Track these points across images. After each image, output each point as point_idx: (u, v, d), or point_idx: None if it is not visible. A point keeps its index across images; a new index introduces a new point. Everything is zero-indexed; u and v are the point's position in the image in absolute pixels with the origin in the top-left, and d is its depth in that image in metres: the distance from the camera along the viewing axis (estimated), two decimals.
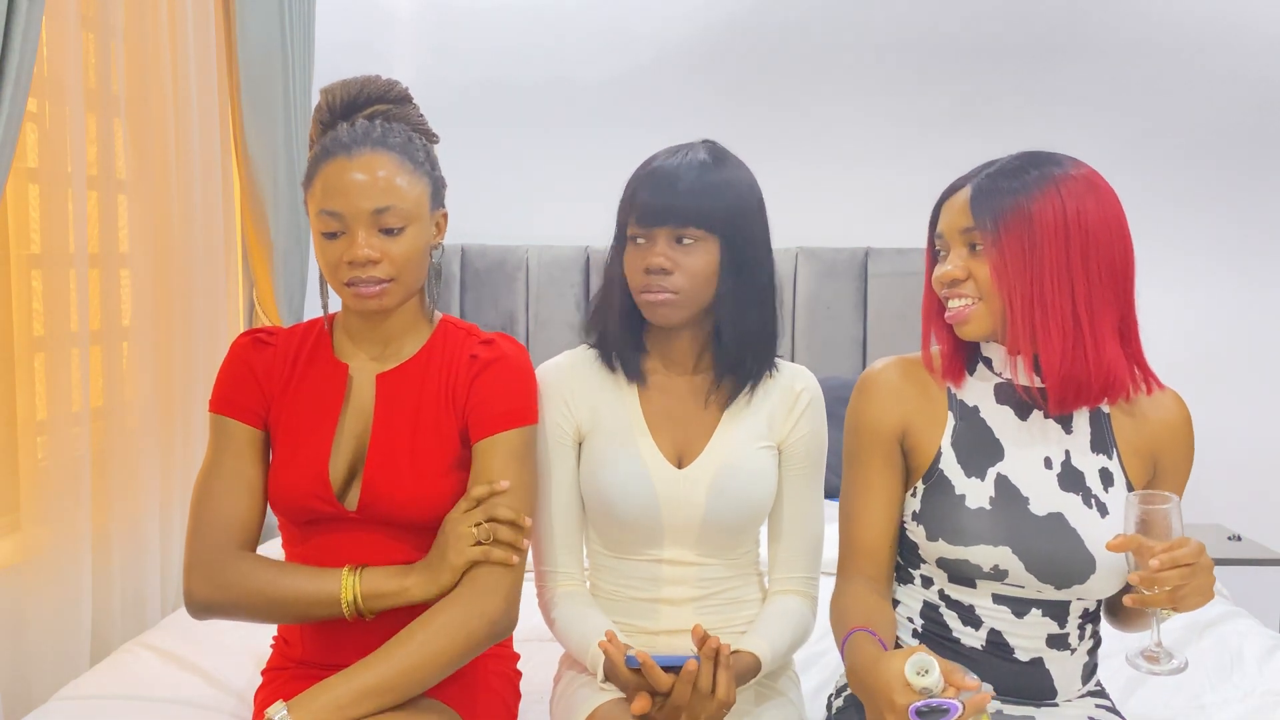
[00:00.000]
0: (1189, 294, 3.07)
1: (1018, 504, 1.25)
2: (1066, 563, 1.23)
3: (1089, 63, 3.05)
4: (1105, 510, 1.25)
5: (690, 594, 1.42)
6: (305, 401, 1.35)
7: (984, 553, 1.23)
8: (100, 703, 1.62)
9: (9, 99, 1.55)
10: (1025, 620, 1.27)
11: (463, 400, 1.34)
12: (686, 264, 1.34)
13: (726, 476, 1.40)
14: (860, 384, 1.37)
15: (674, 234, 1.34)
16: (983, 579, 1.26)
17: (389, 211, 1.26)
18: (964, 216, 1.22)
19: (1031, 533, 1.23)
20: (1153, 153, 3.06)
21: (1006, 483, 1.26)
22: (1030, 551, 1.23)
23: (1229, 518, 3.07)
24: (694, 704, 1.20)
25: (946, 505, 1.27)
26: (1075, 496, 1.25)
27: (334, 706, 1.17)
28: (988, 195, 1.21)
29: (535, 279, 3.03)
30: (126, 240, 2.14)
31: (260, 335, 1.39)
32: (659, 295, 1.34)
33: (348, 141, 1.28)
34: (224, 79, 2.49)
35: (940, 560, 1.28)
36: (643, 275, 1.35)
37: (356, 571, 1.27)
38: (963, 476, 1.27)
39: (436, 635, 1.23)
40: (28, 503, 1.88)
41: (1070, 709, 1.31)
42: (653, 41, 3.09)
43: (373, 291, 1.26)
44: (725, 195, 1.35)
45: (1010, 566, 1.23)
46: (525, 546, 1.29)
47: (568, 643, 1.40)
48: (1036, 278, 1.18)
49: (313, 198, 1.29)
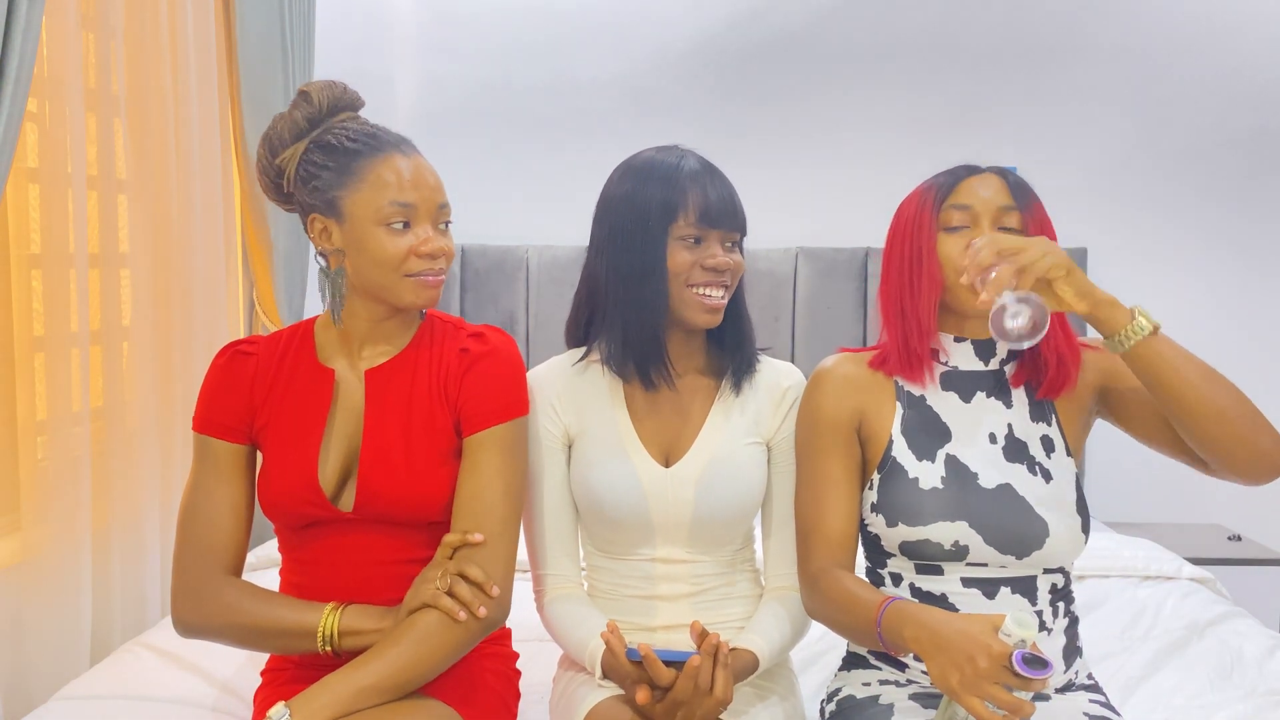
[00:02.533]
0: (1188, 293, 3.07)
1: (968, 480, 1.31)
2: (1020, 530, 1.28)
3: (1088, 63, 3.05)
4: (1050, 476, 1.31)
5: (685, 590, 1.43)
6: (291, 407, 1.34)
7: (942, 530, 1.28)
8: (100, 703, 1.62)
9: (9, 99, 1.55)
10: (996, 601, 1.30)
11: (455, 393, 1.34)
12: (736, 262, 1.41)
13: (714, 473, 1.41)
14: (814, 379, 1.42)
15: (727, 237, 1.40)
16: (946, 560, 1.30)
17: (447, 208, 1.33)
18: (1003, 195, 1.30)
19: (984, 506, 1.29)
20: (1153, 152, 3.06)
21: (956, 461, 1.32)
22: (985, 524, 1.28)
23: (1229, 518, 3.07)
24: (691, 700, 1.21)
25: (901, 490, 1.32)
26: (1020, 466, 1.31)
27: (335, 704, 1.17)
28: (1020, 185, 1.32)
29: (535, 279, 3.03)
30: (126, 240, 2.14)
31: (241, 347, 1.38)
32: (719, 295, 1.39)
33: (393, 140, 1.32)
34: (224, 79, 2.49)
35: (903, 546, 1.31)
36: (700, 272, 1.38)
37: (339, 609, 1.28)
38: (914, 461, 1.33)
39: (433, 630, 1.23)
40: (28, 503, 1.88)
41: (1063, 702, 1.32)
42: (653, 42, 3.09)
43: (438, 281, 1.31)
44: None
45: (969, 541, 1.28)
46: (481, 613, 1.25)
47: (565, 643, 1.41)
48: None
49: (367, 190, 1.27)
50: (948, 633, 1.11)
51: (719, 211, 1.37)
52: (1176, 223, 3.07)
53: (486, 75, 3.10)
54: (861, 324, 3.01)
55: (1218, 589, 2.26)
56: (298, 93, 1.33)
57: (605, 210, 1.44)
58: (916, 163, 1.58)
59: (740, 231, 1.42)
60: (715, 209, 1.37)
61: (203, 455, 1.35)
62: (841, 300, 2.99)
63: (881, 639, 1.21)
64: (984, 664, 1.06)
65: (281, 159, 1.33)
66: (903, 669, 1.38)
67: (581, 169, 3.05)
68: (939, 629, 1.12)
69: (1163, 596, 2.14)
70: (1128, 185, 3.07)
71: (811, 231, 3.05)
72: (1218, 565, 2.52)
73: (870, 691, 1.36)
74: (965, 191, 1.32)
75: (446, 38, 3.10)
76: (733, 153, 1.53)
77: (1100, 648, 1.90)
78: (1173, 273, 3.07)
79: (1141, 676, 1.82)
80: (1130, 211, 3.07)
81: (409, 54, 3.11)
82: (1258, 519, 3.06)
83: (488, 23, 3.09)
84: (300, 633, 1.27)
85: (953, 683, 1.08)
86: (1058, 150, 3.06)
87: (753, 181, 1.49)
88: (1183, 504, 3.10)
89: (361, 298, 1.34)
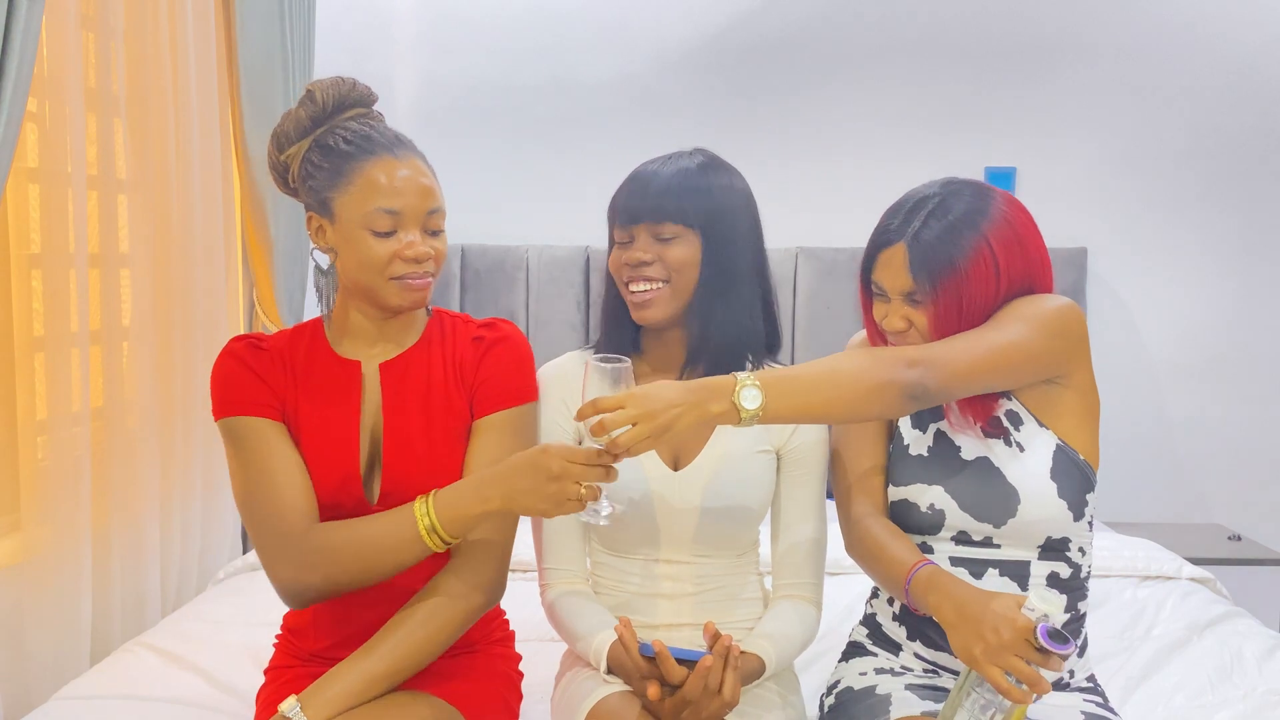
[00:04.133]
0: (1188, 294, 3.07)
1: (951, 452, 1.38)
2: (993, 496, 1.33)
3: (1088, 63, 3.05)
4: (1023, 448, 1.35)
5: (688, 590, 1.43)
6: (320, 401, 1.34)
7: (920, 491, 1.37)
8: (100, 703, 1.62)
9: (9, 99, 1.55)
10: (984, 581, 1.33)
11: (472, 377, 1.36)
12: (666, 255, 1.38)
13: (722, 479, 1.41)
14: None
15: (653, 230, 1.39)
16: (929, 529, 1.37)
17: (436, 214, 1.31)
18: (904, 278, 1.33)
19: (961, 474, 1.36)
20: (1153, 152, 3.06)
21: (943, 435, 1.40)
22: (960, 491, 1.35)
23: (1229, 518, 3.07)
24: (699, 700, 1.21)
25: (895, 453, 1.43)
26: (998, 440, 1.37)
27: (346, 695, 1.19)
28: (924, 257, 1.31)
29: (535, 279, 3.03)
30: (126, 240, 2.14)
31: (252, 340, 1.38)
32: (643, 289, 1.39)
33: (387, 142, 1.30)
34: (224, 79, 2.49)
35: (891, 507, 1.41)
36: (626, 270, 1.40)
37: (427, 501, 1.24)
38: (910, 428, 1.43)
39: (434, 613, 1.26)
40: (28, 503, 1.88)
41: (1060, 700, 1.32)
42: (653, 42, 3.09)
43: (423, 284, 1.30)
44: (704, 192, 1.40)
45: (944, 505, 1.35)
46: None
47: (569, 637, 1.41)
48: (969, 325, 1.31)
49: (355, 193, 1.27)
50: (973, 605, 1.16)
51: (630, 208, 1.39)
52: (1176, 223, 3.07)
53: (486, 75, 3.10)
54: (861, 324, 3.01)
55: (1218, 589, 2.26)
56: (304, 90, 1.34)
57: None
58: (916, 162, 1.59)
59: (669, 220, 1.37)
60: (626, 205, 1.40)
61: (241, 438, 1.31)
62: (841, 300, 2.99)
63: (908, 596, 1.27)
64: (1007, 635, 1.10)
65: (286, 155, 1.34)
66: (898, 653, 1.42)
67: (582, 169, 3.07)
68: (965, 600, 1.17)
69: (1163, 596, 2.14)
70: (1128, 185, 3.07)
71: (811, 231, 3.05)
72: (1218, 565, 2.51)
73: (867, 682, 1.38)
74: (879, 269, 1.37)
75: (446, 38, 3.10)
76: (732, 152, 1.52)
77: (1100, 648, 1.90)
78: (1172, 272, 3.07)
79: (1141, 676, 1.82)
80: (1130, 211, 3.07)
81: (409, 54, 3.11)
82: (1258, 519, 3.06)
83: (488, 23, 3.09)
84: (403, 543, 1.23)
85: (975, 652, 1.12)
86: (1057, 150, 3.06)
87: (752, 181, 1.48)
88: (1183, 504, 3.10)
89: (354, 297, 1.35)
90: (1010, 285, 1.32)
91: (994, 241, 1.31)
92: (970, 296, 1.30)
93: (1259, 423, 3.09)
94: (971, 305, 1.31)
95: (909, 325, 1.35)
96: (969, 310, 1.31)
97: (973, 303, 1.31)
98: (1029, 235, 1.35)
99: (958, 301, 1.31)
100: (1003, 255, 1.31)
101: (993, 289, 1.31)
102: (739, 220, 1.42)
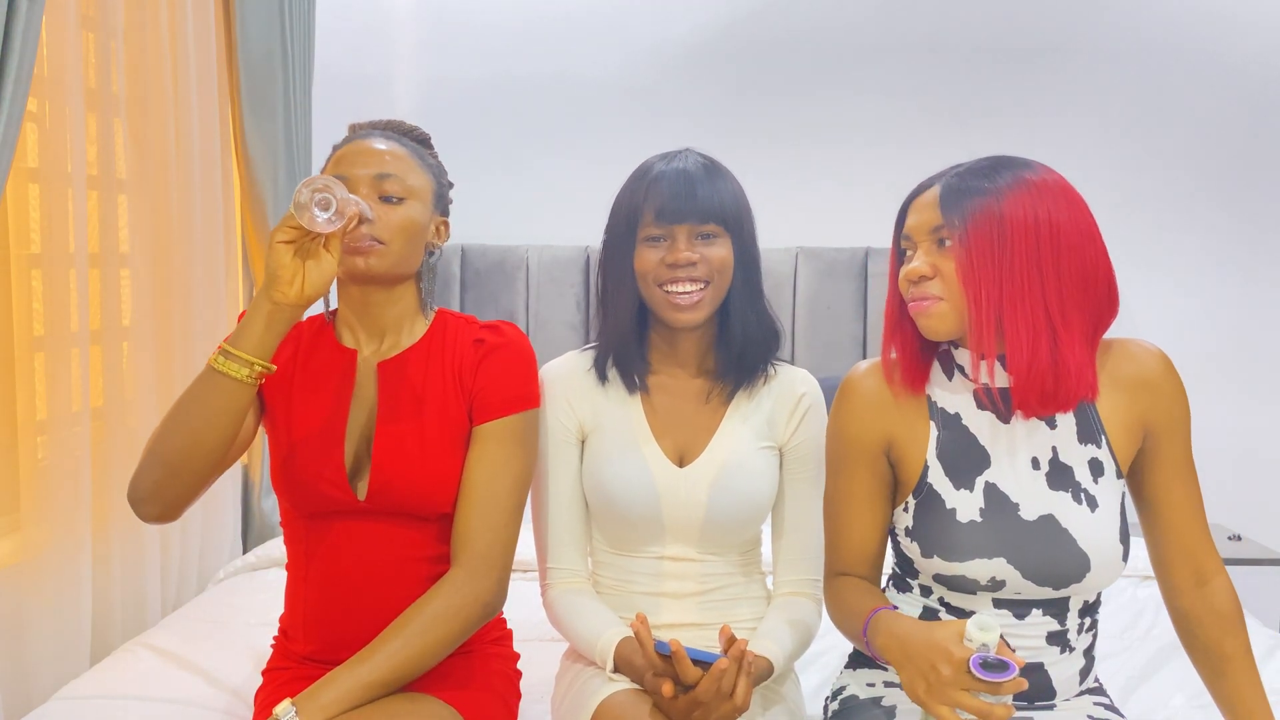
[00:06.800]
0: (1188, 293, 3.07)
1: (1008, 511, 1.22)
2: (1061, 564, 1.21)
3: (1088, 63, 3.05)
4: (1095, 504, 1.23)
5: (692, 589, 1.43)
6: (313, 389, 1.35)
7: (979, 567, 1.22)
8: (100, 703, 1.62)
9: (9, 99, 1.55)
10: (1027, 621, 1.26)
11: (470, 381, 1.36)
12: (709, 255, 1.38)
13: (728, 476, 1.41)
14: (842, 391, 1.34)
15: (695, 230, 1.38)
16: (981, 590, 1.25)
17: (390, 179, 1.30)
18: (933, 213, 1.20)
19: (1024, 540, 1.21)
20: (1151, 151, 3.06)
21: (995, 490, 1.24)
22: (1025, 560, 1.21)
23: (1229, 518, 3.07)
24: (711, 702, 1.21)
25: (938, 522, 1.24)
26: (1065, 494, 1.23)
27: (341, 700, 1.18)
28: (957, 193, 1.19)
29: (535, 279, 3.03)
30: (126, 240, 2.14)
31: None
32: (687, 290, 1.37)
33: (370, 134, 1.36)
34: (224, 79, 2.49)
35: (937, 576, 1.26)
36: (665, 270, 1.37)
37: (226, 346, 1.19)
38: (951, 489, 1.25)
39: (433, 623, 1.25)
40: (28, 503, 1.88)
41: (1068, 707, 1.31)
42: (653, 41, 3.09)
43: (364, 247, 1.27)
44: (733, 194, 1.41)
45: (1007, 576, 1.22)
46: None
47: (574, 638, 1.41)
48: (1006, 277, 1.16)
49: (328, 170, 1.33)
50: (914, 642, 1.09)
51: (674, 207, 1.36)
52: (1176, 222, 3.07)
53: (486, 75, 3.10)
54: (862, 324, 3.01)
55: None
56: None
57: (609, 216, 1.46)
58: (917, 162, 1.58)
59: (713, 221, 1.38)
60: (670, 204, 1.36)
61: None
62: (841, 300, 2.99)
63: (869, 647, 1.21)
64: (947, 671, 1.04)
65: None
66: None
67: (582, 169, 3.07)
68: (907, 639, 1.10)
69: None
70: (1127, 185, 3.07)
71: (811, 231, 3.05)
72: None
73: (874, 692, 1.36)
74: (909, 214, 1.25)
75: (446, 37, 3.10)
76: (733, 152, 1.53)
77: (1100, 648, 1.89)
78: (1172, 272, 3.07)
79: (1141, 676, 1.82)
80: (1129, 210, 3.07)
81: (409, 54, 3.11)
82: (1258, 519, 3.06)
83: (488, 23, 3.09)
84: (208, 386, 1.19)
85: (920, 692, 1.06)
86: (1058, 150, 3.05)
87: (753, 181, 1.49)
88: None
89: (340, 281, 1.37)
90: (1057, 249, 1.16)
91: (1036, 191, 1.17)
92: (1006, 242, 1.15)
93: (1259, 422, 3.09)
94: (1007, 254, 1.15)
95: (934, 272, 1.19)
96: (1003, 260, 1.15)
97: (1008, 251, 1.15)
98: (1080, 208, 1.20)
99: (990, 245, 1.15)
100: (1044, 205, 1.16)
101: (1032, 240, 1.15)
102: (752, 224, 1.45)
